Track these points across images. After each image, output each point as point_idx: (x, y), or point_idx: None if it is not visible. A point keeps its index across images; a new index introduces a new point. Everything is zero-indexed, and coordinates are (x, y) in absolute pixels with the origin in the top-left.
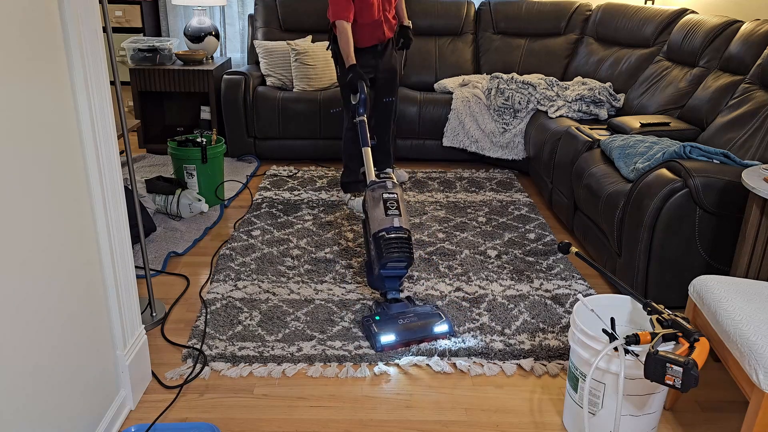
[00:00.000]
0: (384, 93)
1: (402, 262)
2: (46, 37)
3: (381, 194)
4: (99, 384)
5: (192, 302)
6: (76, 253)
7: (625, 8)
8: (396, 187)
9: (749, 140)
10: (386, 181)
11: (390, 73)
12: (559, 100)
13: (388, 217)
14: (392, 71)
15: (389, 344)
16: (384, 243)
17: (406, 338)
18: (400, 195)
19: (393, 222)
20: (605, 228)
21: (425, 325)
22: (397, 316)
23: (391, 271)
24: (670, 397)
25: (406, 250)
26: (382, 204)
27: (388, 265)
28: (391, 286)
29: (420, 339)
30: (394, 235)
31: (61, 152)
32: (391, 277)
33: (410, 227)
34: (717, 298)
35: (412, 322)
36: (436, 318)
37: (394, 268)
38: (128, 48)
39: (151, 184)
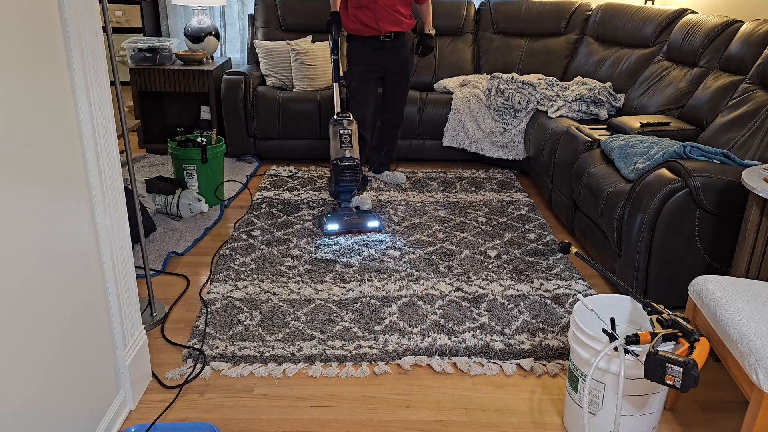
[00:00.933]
0: (391, 95)
1: (351, 182)
2: (46, 37)
3: (338, 130)
4: (99, 384)
5: (192, 302)
6: (76, 254)
7: (625, 8)
8: (351, 124)
9: (749, 140)
10: (343, 120)
11: (400, 77)
12: (559, 100)
13: (342, 148)
14: (402, 74)
15: (333, 231)
16: (337, 169)
17: (345, 228)
18: (353, 130)
19: (345, 153)
20: (605, 228)
21: (362, 221)
22: (343, 215)
23: (343, 187)
24: (670, 397)
25: (353, 174)
26: (339, 138)
27: (341, 184)
28: (344, 198)
29: (357, 230)
30: (346, 164)
31: (61, 152)
32: (343, 191)
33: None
34: (717, 298)
35: (353, 219)
36: (371, 217)
37: (346, 185)
38: (128, 48)
39: (151, 184)
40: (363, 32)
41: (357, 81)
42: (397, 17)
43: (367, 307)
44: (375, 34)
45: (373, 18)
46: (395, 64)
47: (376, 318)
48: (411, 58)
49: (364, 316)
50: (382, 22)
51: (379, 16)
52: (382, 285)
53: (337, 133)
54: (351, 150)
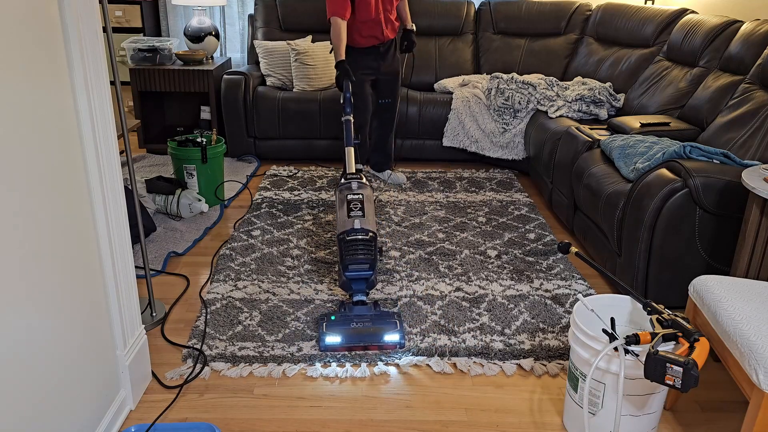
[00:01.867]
0: (385, 95)
1: (364, 264)
2: (46, 37)
3: (345, 195)
4: (99, 384)
5: (192, 302)
6: (76, 254)
7: (625, 8)
8: (363, 188)
9: (749, 140)
10: (352, 182)
11: (392, 76)
12: (559, 100)
13: (350, 218)
14: (394, 74)
15: (333, 345)
16: (345, 245)
17: (352, 342)
18: (366, 195)
19: (354, 224)
20: (605, 228)
21: (376, 332)
22: (352, 319)
23: (355, 273)
24: (670, 397)
25: (366, 252)
26: (346, 205)
27: (350, 267)
28: (357, 288)
29: (367, 345)
30: (355, 237)
31: (61, 152)
32: (355, 279)
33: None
34: (717, 298)
35: (364, 327)
36: (390, 327)
37: (357, 270)
38: (128, 48)
39: (151, 184)
40: (365, 44)
41: (356, 87)
42: (395, 25)
43: None
44: (379, 43)
45: (379, 29)
46: (389, 65)
47: None
48: (398, 57)
49: None
50: (387, 32)
51: (386, 26)
52: (381, 285)
53: (344, 199)
54: (363, 220)
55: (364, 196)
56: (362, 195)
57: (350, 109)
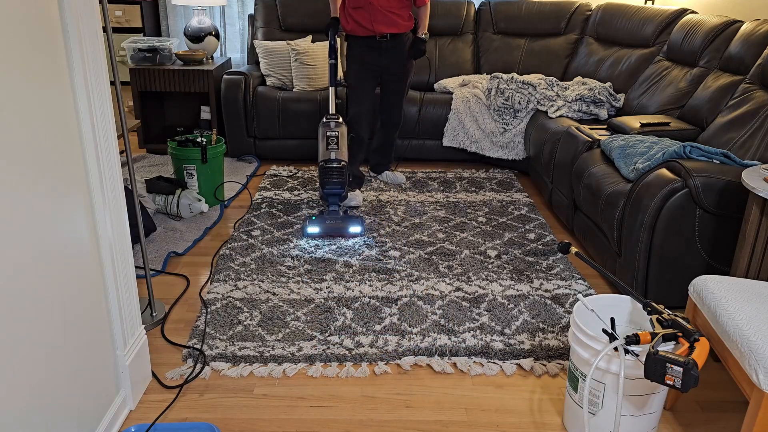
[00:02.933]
0: (388, 96)
1: (337, 185)
2: (46, 37)
3: (325, 132)
4: (99, 384)
5: (192, 302)
6: (76, 254)
7: (625, 8)
8: (339, 126)
9: (749, 140)
10: (331, 122)
11: (396, 77)
12: (559, 100)
13: (328, 150)
14: (399, 75)
15: (313, 234)
16: (323, 171)
17: (326, 231)
18: (341, 132)
19: (331, 155)
20: (605, 228)
21: (344, 225)
22: (327, 218)
23: (330, 190)
24: (670, 397)
25: (340, 177)
26: (325, 140)
27: (327, 187)
28: (332, 201)
29: (339, 233)
30: (332, 166)
31: (61, 152)
32: (330, 194)
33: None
34: (717, 298)
35: (336, 223)
36: (355, 222)
37: (332, 188)
38: (128, 48)
39: (151, 184)
40: (359, 32)
41: (354, 79)
42: (393, 18)
43: (367, 307)
44: (370, 34)
45: (368, 19)
46: (392, 65)
47: (376, 318)
48: (409, 59)
49: (364, 316)
50: (377, 24)
51: (374, 18)
52: (382, 285)
53: (324, 135)
54: (337, 152)
55: (339, 134)
56: (338, 132)
57: (334, 55)
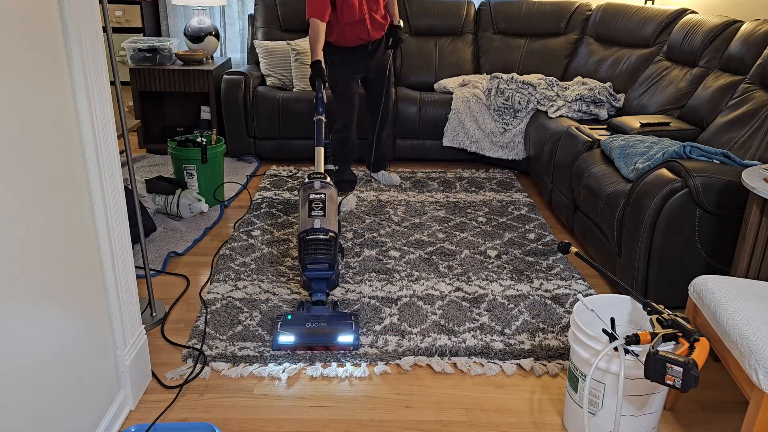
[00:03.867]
0: (376, 93)
1: (323, 264)
2: (46, 37)
3: (308, 195)
4: (99, 384)
5: (192, 302)
6: (76, 253)
7: (625, 8)
8: (326, 187)
9: (749, 140)
10: (315, 182)
11: (380, 73)
12: (559, 100)
13: (310, 218)
14: (383, 70)
15: (286, 345)
16: (304, 244)
17: (306, 342)
18: (329, 195)
19: (314, 223)
20: (605, 228)
21: (330, 333)
22: (308, 319)
23: (313, 273)
24: (670, 397)
25: (326, 252)
26: (308, 205)
27: (309, 267)
28: (317, 288)
29: (322, 345)
30: (313, 237)
31: (61, 152)
32: (314, 279)
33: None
34: (717, 298)
35: (319, 328)
36: (345, 328)
37: (316, 270)
38: (128, 48)
39: (151, 184)
40: (350, 44)
41: (342, 86)
42: (383, 23)
43: (367, 307)
44: (364, 43)
45: (365, 30)
46: (376, 64)
47: (376, 318)
48: (388, 54)
49: (364, 316)
50: (373, 32)
51: (371, 27)
52: (381, 285)
53: (306, 199)
54: (324, 220)
55: (326, 196)
56: (324, 195)
57: (322, 109)
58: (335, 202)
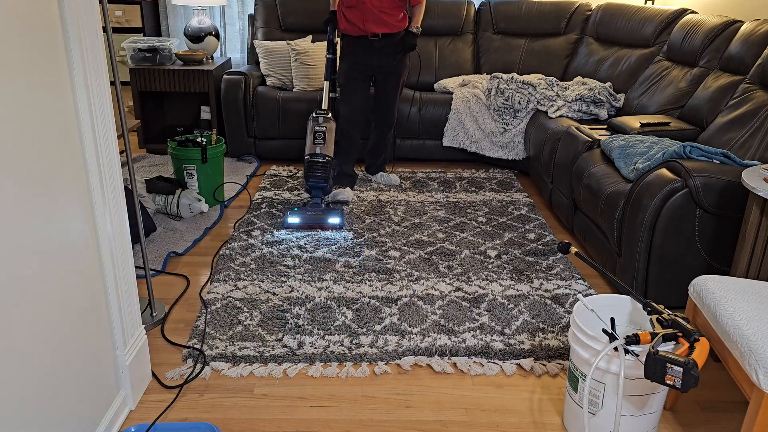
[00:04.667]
0: (380, 96)
1: (320, 179)
2: (46, 37)
3: (313, 126)
4: (99, 384)
5: (192, 302)
6: (76, 254)
7: (625, 8)
8: (327, 122)
9: (749, 140)
10: (320, 117)
11: (389, 75)
12: (559, 100)
13: (314, 145)
14: (392, 73)
15: (293, 224)
16: (307, 164)
17: (306, 222)
18: (329, 128)
19: (316, 149)
20: (605, 228)
21: (323, 217)
22: (308, 210)
23: (313, 183)
24: (670, 397)
25: (323, 171)
26: (312, 134)
27: (310, 180)
28: (315, 194)
29: (318, 225)
30: (314, 160)
31: (61, 152)
32: (313, 186)
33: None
34: (717, 298)
35: (316, 215)
36: (335, 214)
37: (315, 181)
38: (128, 48)
39: (151, 184)
40: (351, 32)
41: (344, 78)
42: (384, 19)
43: (367, 307)
44: (362, 34)
45: (360, 18)
46: (385, 64)
47: (376, 318)
48: (403, 58)
49: (364, 316)
50: (369, 23)
51: (366, 17)
52: (382, 285)
53: (311, 129)
54: (323, 147)
55: (327, 129)
56: (326, 128)
57: (332, 50)
58: (332, 132)
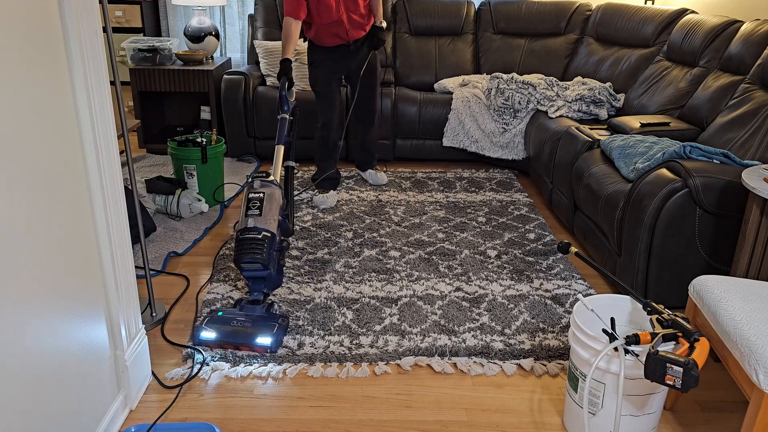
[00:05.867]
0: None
1: (256, 263)
2: (46, 37)
3: (247, 194)
4: (99, 384)
5: (192, 302)
6: (76, 254)
7: (625, 8)
8: (266, 186)
9: (749, 140)
10: (255, 180)
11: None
12: (559, 100)
13: (246, 217)
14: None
15: (207, 341)
16: (237, 243)
17: (225, 340)
18: (268, 194)
19: (248, 222)
20: (605, 228)
21: (251, 334)
22: (235, 318)
23: (248, 272)
24: (670, 397)
25: (256, 251)
26: (246, 203)
27: (242, 266)
28: (254, 288)
29: (240, 345)
30: (246, 236)
31: (61, 152)
32: (247, 276)
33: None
34: (717, 298)
35: (243, 327)
36: (266, 330)
37: (250, 269)
38: (128, 48)
39: (151, 184)
40: (331, 43)
41: (322, 86)
42: (362, 23)
43: (367, 307)
44: (344, 43)
45: (344, 30)
46: (358, 63)
47: (376, 318)
48: (370, 49)
49: (364, 316)
50: (352, 32)
51: (350, 27)
52: (382, 285)
53: (245, 196)
54: (258, 219)
55: (264, 195)
56: (263, 194)
57: (286, 107)
58: (276, 200)
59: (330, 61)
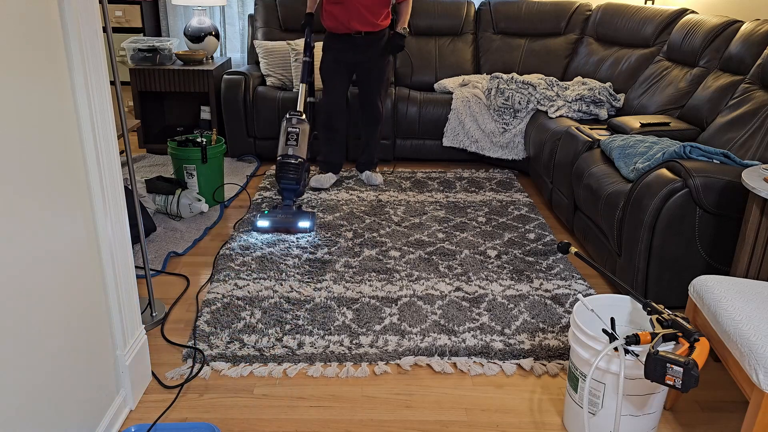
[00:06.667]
0: (365, 92)
1: (292, 181)
2: (46, 37)
3: (286, 127)
4: (99, 384)
5: (192, 302)
6: (76, 254)
7: (625, 8)
8: (301, 123)
9: (749, 140)
10: (293, 118)
11: (368, 70)
12: (559, 100)
13: (286, 146)
14: (373, 70)
15: (262, 227)
16: (279, 166)
17: (275, 226)
18: (302, 130)
19: (288, 150)
20: (605, 228)
21: (293, 221)
22: (278, 213)
23: (285, 185)
24: (670, 397)
25: (294, 173)
26: (285, 135)
27: (282, 182)
28: (287, 197)
29: (287, 228)
30: (286, 161)
31: (61, 152)
32: (284, 188)
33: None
34: (717, 298)
35: (286, 218)
36: (305, 217)
37: (287, 183)
38: (128, 48)
39: (151, 184)
40: (335, 29)
41: (326, 72)
42: (368, 18)
43: (367, 307)
44: (346, 31)
45: (345, 16)
46: (367, 61)
47: (376, 318)
48: (385, 54)
49: (364, 316)
50: (353, 21)
51: (351, 15)
52: (382, 285)
53: (284, 130)
54: (295, 149)
55: (300, 130)
56: (299, 129)
57: (308, 52)
58: (306, 134)
59: (335, 50)
